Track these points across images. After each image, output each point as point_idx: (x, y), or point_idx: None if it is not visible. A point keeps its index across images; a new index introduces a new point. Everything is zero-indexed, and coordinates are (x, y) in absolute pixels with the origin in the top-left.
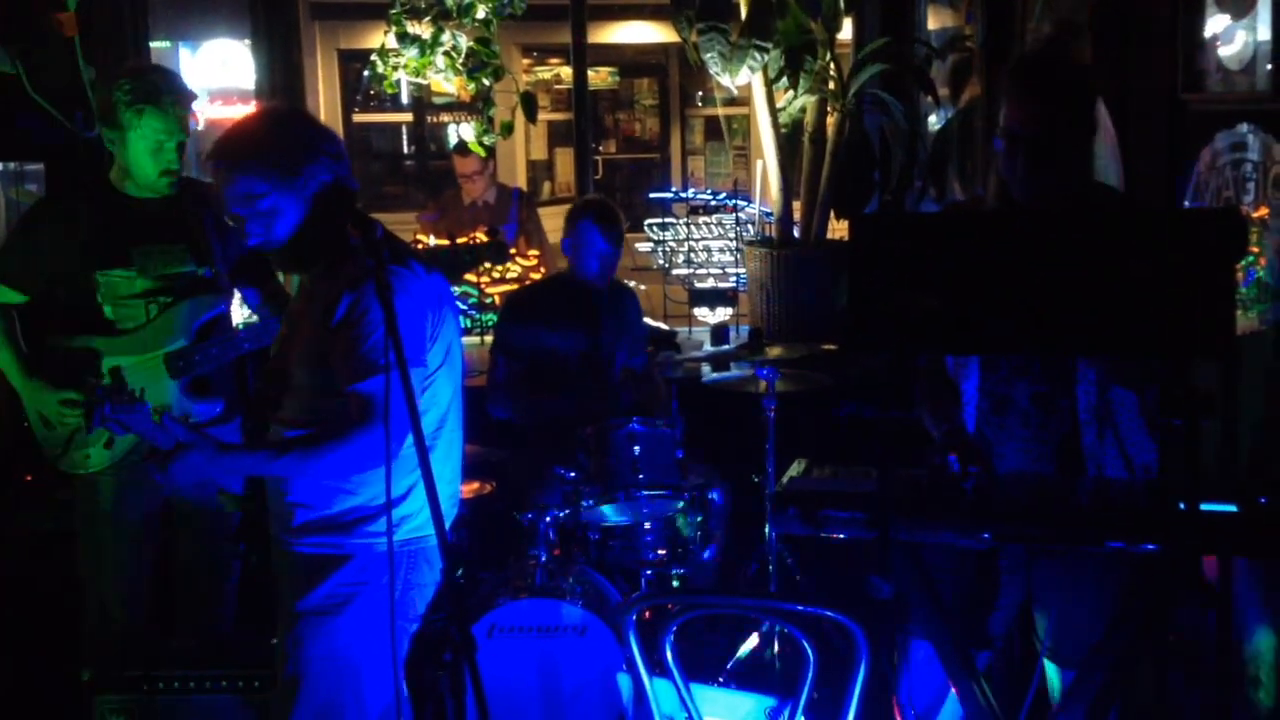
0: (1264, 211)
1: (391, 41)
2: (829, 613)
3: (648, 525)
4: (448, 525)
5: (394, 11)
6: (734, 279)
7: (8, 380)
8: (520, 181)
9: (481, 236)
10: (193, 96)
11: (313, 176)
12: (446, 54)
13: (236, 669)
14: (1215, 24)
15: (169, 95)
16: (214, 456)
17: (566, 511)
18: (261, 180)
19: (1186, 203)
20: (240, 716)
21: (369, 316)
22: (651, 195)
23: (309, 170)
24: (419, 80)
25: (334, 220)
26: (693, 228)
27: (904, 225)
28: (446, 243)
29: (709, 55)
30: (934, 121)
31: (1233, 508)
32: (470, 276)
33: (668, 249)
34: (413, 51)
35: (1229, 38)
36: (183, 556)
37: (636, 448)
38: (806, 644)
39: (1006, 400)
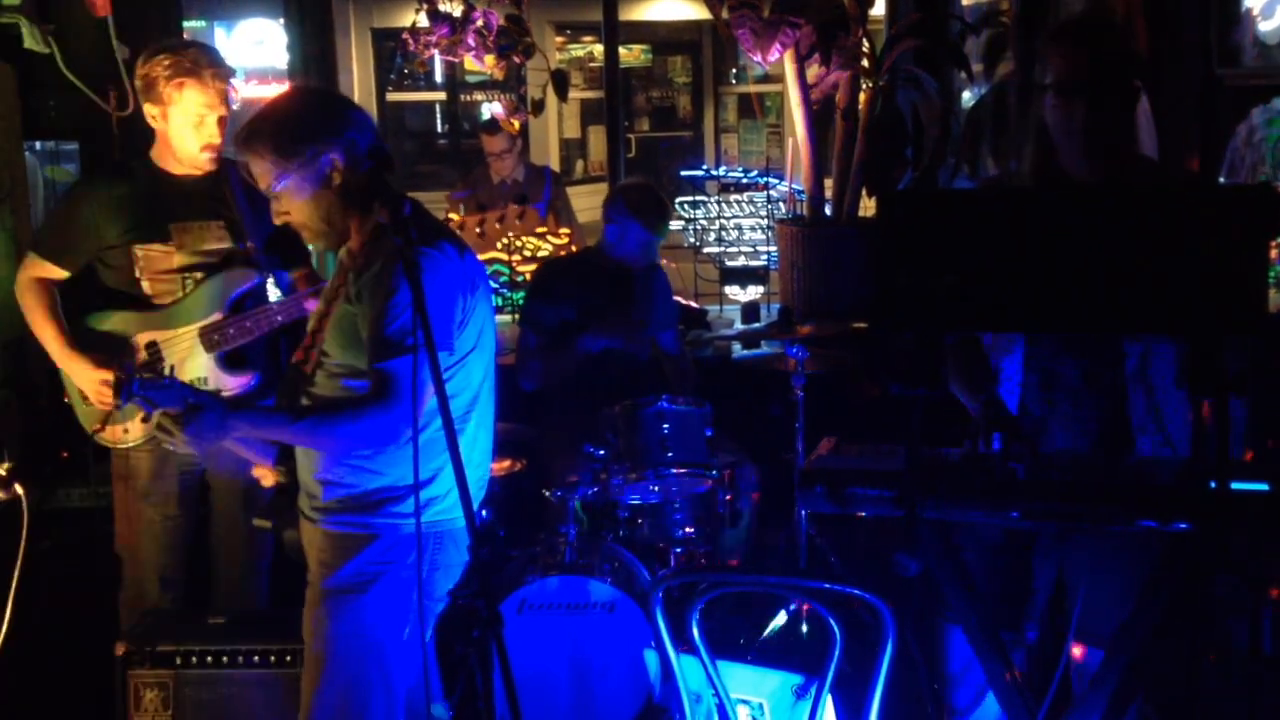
0: None
1: (423, 20)
2: (856, 591)
3: (677, 503)
4: (476, 506)
5: None
6: (765, 257)
7: (47, 356)
8: (553, 159)
9: (514, 207)
10: (231, 72)
11: (320, 154)
12: (478, 32)
13: (270, 644)
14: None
15: (209, 69)
16: (225, 416)
17: (596, 489)
18: (272, 162)
19: (1221, 178)
20: (273, 691)
21: (397, 296)
22: (683, 173)
23: (313, 149)
24: (451, 59)
25: (351, 199)
26: (724, 205)
27: (932, 202)
28: (477, 216)
29: (741, 32)
30: (968, 98)
31: (1265, 487)
32: (502, 255)
33: (699, 227)
34: (444, 29)
35: (1269, 12)
36: (217, 532)
37: (666, 426)
38: (833, 622)
39: (1054, 376)
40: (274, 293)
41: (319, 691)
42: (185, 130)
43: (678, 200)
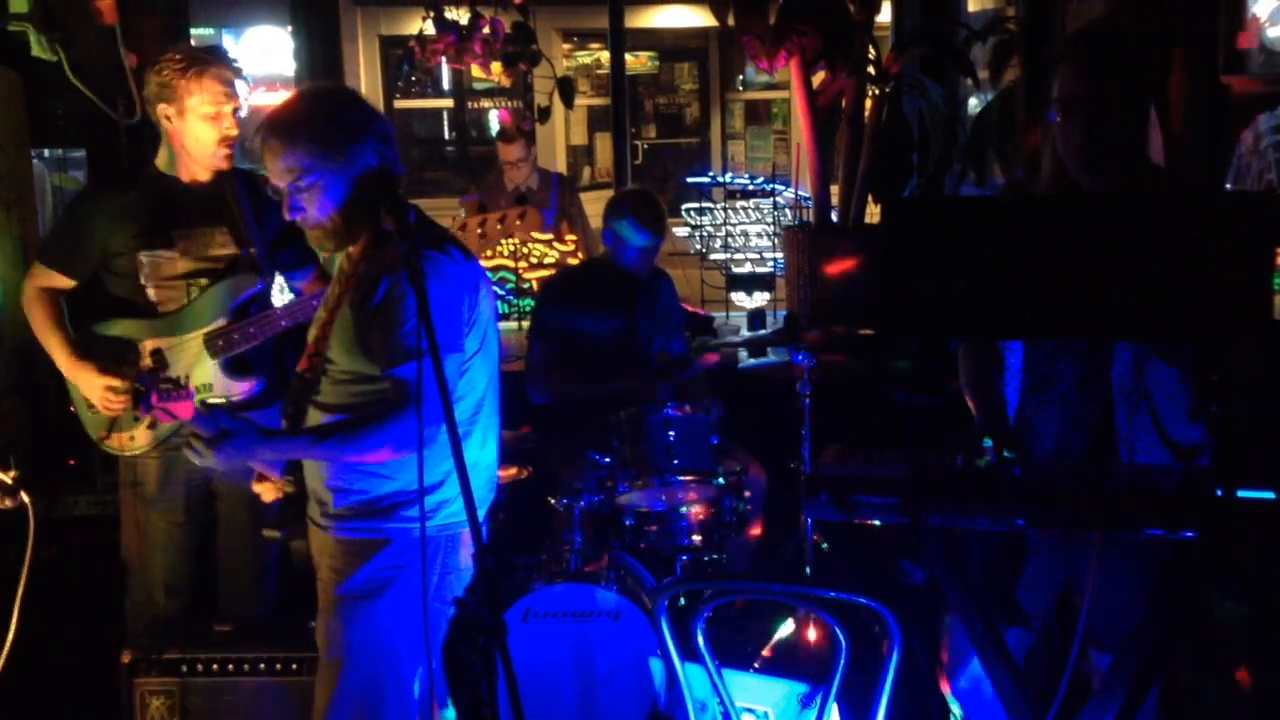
0: None
1: (430, 28)
2: (862, 599)
3: (683, 511)
4: (485, 510)
5: None
6: (771, 264)
7: (53, 365)
8: (560, 166)
9: (514, 209)
10: (241, 69)
11: (360, 158)
12: (485, 39)
13: (276, 652)
14: (1263, 6)
15: (223, 63)
16: (256, 442)
17: (601, 497)
18: (309, 156)
19: (1228, 185)
20: (280, 699)
21: (405, 301)
22: (689, 180)
23: (356, 151)
24: (458, 66)
25: (375, 203)
26: (730, 212)
27: (938, 209)
28: (478, 217)
29: (747, 39)
30: (974, 105)
31: (1270, 494)
32: (508, 262)
33: (705, 234)
34: (451, 37)
35: (1277, 19)
36: (224, 539)
37: (671, 433)
38: (839, 630)
39: (1048, 379)
40: (279, 297)
41: (334, 698)
42: (202, 125)
43: (684, 207)
